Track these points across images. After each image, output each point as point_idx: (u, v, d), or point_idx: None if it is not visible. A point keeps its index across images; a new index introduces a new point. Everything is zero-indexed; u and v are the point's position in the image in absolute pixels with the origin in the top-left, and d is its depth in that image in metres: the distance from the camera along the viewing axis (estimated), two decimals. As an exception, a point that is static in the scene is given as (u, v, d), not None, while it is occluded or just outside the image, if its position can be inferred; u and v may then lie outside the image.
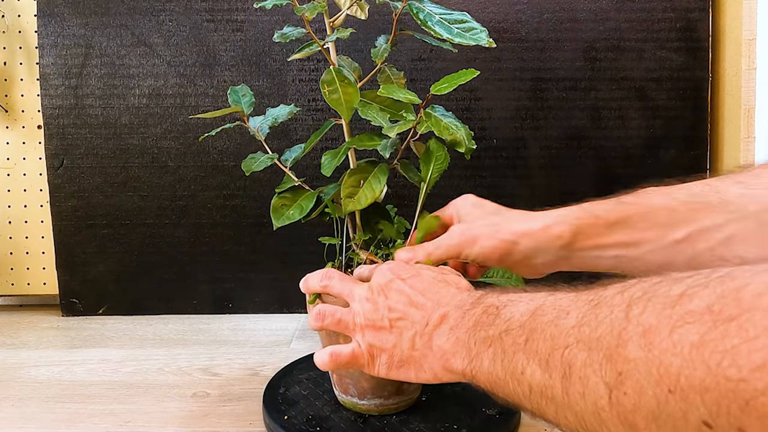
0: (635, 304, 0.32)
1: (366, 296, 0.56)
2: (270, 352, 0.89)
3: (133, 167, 1.02)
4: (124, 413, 0.72)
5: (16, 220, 1.06)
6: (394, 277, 0.55)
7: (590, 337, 0.34)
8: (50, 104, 1.01)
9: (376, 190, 0.64)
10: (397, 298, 0.54)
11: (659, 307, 0.31)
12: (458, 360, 0.47)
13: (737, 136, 0.96)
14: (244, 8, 0.99)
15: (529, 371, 0.39)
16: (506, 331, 0.42)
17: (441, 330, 0.50)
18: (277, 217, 0.68)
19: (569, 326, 0.36)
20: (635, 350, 0.31)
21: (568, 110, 1.00)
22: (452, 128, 0.63)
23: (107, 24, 1.00)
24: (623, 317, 0.32)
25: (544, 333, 0.38)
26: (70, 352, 0.90)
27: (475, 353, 0.45)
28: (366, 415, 0.66)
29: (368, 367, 0.55)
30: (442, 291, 0.53)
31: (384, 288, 0.55)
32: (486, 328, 0.45)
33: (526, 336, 0.40)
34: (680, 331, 0.29)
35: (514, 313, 0.43)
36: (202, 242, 1.03)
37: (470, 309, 0.48)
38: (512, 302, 0.44)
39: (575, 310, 0.37)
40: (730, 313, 0.28)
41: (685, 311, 0.29)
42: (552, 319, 0.38)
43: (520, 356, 0.40)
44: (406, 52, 0.99)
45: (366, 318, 0.55)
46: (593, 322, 0.34)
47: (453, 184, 1.01)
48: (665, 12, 0.98)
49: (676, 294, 0.31)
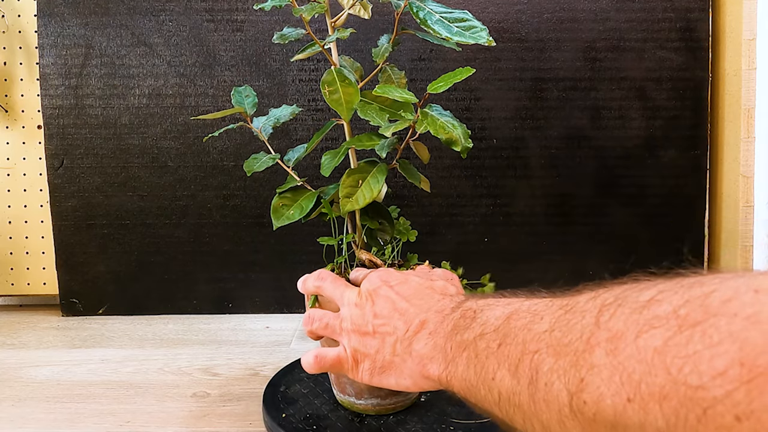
0: (606, 309, 0.32)
1: (355, 301, 0.56)
2: (270, 352, 0.89)
3: (133, 167, 1.02)
4: (124, 413, 0.72)
5: (16, 220, 1.06)
6: (382, 283, 0.55)
7: (560, 342, 0.33)
8: (50, 104, 1.01)
9: (374, 190, 0.64)
10: (383, 304, 0.54)
11: (627, 312, 0.30)
12: (435, 365, 0.47)
13: (737, 136, 0.96)
14: (244, 8, 0.99)
15: (499, 376, 0.38)
16: (481, 335, 0.41)
17: (420, 335, 0.49)
18: (277, 217, 0.68)
19: (541, 331, 0.35)
20: (600, 356, 0.30)
21: (568, 110, 1.00)
22: (448, 127, 0.63)
23: (107, 24, 1.00)
24: (593, 323, 0.32)
25: (516, 338, 0.37)
26: (70, 352, 0.90)
27: (451, 358, 0.44)
28: (363, 414, 0.66)
29: (352, 372, 0.55)
30: (426, 297, 0.53)
31: (372, 294, 0.55)
32: (462, 332, 0.44)
33: (500, 340, 0.39)
34: (645, 336, 0.28)
35: (489, 317, 0.42)
36: (202, 242, 1.03)
37: (450, 314, 0.48)
38: (489, 306, 0.43)
39: (548, 315, 0.36)
40: (695, 318, 0.27)
41: (652, 316, 0.29)
42: (525, 324, 0.37)
43: (492, 361, 0.39)
44: (406, 52, 0.99)
45: (352, 323, 0.55)
46: (564, 327, 0.34)
47: (453, 184, 1.01)
48: (665, 12, 0.98)
49: (645, 299, 0.30)
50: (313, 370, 0.58)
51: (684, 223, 1.01)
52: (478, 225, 1.02)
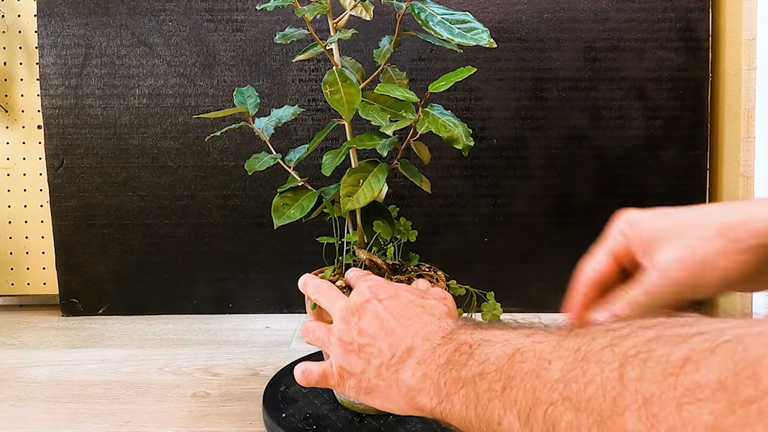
0: (629, 364, 0.30)
1: (342, 315, 0.54)
2: (270, 352, 0.89)
3: (133, 167, 1.02)
4: (124, 413, 0.72)
5: (16, 220, 1.06)
6: (372, 297, 0.53)
7: (578, 397, 0.31)
8: (50, 104, 1.01)
9: (375, 190, 0.64)
10: (369, 321, 0.52)
11: (660, 374, 0.28)
12: (425, 398, 0.45)
13: (737, 136, 0.96)
14: (244, 8, 0.99)
15: (507, 423, 0.36)
16: (481, 374, 0.39)
17: (407, 364, 0.47)
18: (278, 216, 0.68)
19: (553, 379, 0.34)
20: (634, 422, 0.28)
21: (568, 110, 1.00)
22: (449, 125, 0.63)
23: (107, 24, 1.00)
24: (616, 378, 0.30)
25: (524, 383, 0.35)
26: (70, 352, 0.90)
27: (446, 394, 0.43)
28: (363, 414, 0.66)
29: (339, 388, 0.54)
30: (414, 318, 0.51)
31: (359, 308, 0.53)
32: (458, 369, 0.42)
33: (503, 383, 0.37)
34: (690, 408, 0.26)
35: (489, 355, 0.40)
36: (202, 242, 1.03)
37: (441, 344, 0.46)
38: (486, 342, 0.41)
39: (558, 360, 0.34)
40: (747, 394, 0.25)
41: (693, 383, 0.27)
42: (533, 369, 0.35)
43: (496, 404, 0.37)
44: (406, 52, 0.99)
45: (339, 339, 0.53)
46: (581, 379, 0.32)
47: (453, 183, 1.01)
48: (665, 12, 0.98)
49: (678, 359, 0.28)
50: (302, 383, 0.57)
51: (684, 223, 1.01)
52: (478, 225, 1.02)
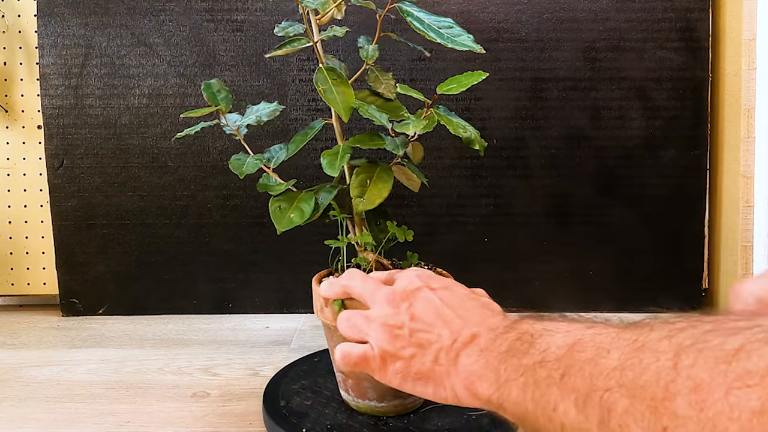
0: (684, 353, 0.30)
1: (387, 299, 0.53)
2: (270, 352, 0.89)
3: (133, 167, 1.02)
4: (124, 413, 0.72)
5: (16, 220, 1.06)
6: (423, 285, 0.52)
7: (634, 384, 0.32)
8: (50, 104, 1.01)
9: (384, 190, 0.63)
10: (423, 307, 0.51)
11: (712, 361, 0.29)
12: (485, 384, 0.44)
13: (737, 136, 0.96)
14: (244, 8, 0.99)
15: (562, 408, 0.37)
16: (541, 362, 0.40)
17: (470, 350, 0.47)
18: (279, 221, 0.65)
19: (610, 367, 0.34)
20: (684, 407, 0.29)
21: (568, 110, 1.00)
22: (464, 127, 0.64)
23: (107, 24, 1.00)
24: (671, 366, 0.30)
25: (583, 371, 0.36)
26: (70, 352, 0.90)
27: (504, 380, 0.43)
28: (364, 414, 0.66)
29: (380, 373, 0.52)
30: (473, 310, 0.50)
31: (410, 294, 0.52)
32: (519, 356, 0.42)
33: (563, 371, 0.38)
34: (738, 393, 0.27)
35: (550, 345, 0.40)
36: (202, 242, 1.03)
37: (503, 333, 0.46)
38: (548, 332, 0.42)
39: (616, 350, 0.35)
40: None
41: (743, 370, 0.28)
42: (591, 357, 0.36)
43: (554, 391, 0.38)
44: (406, 52, 0.99)
45: (383, 323, 0.51)
46: (637, 366, 0.33)
47: (453, 183, 1.01)
48: (665, 12, 0.98)
49: (732, 348, 0.29)
50: (342, 368, 0.54)
51: (684, 223, 1.01)
52: (478, 225, 1.02)
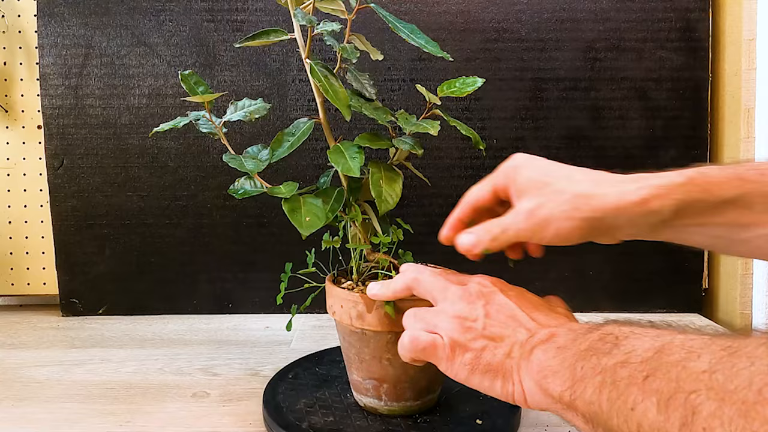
0: None
1: (461, 295, 0.52)
2: (270, 352, 0.89)
3: (133, 167, 1.02)
4: (124, 413, 0.72)
5: (16, 220, 1.06)
6: (497, 289, 0.52)
7: (724, 388, 0.31)
8: (50, 104, 1.01)
9: (397, 189, 0.63)
10: (498, 307, 0.50)
11: None
12: (558, 381, 0.43)
13: (737, 136, 0.96)
14: (244, 8, 0.99)
15: (641, 409, 0.35)
16: (623, 363, 0.39)
17: (547, 346, 0.45)
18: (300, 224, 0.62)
19: (699, 370, 0.33)
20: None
21: (568, 110, 1.00)
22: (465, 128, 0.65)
23: (107, 24, 1.00)
24: (765, 371, 0.30)
25: (669, 373, 0.35)
26: (70, 352, 0.90)
27: (579, 377, 0.41)
28: (365, 411, 0.66)
29: (446, 363, 0.50)
30: (549, 315, 0.50)
31: (485, 294, 0.52)
32: (600, 356, 0.41)
33: (647, 373, 0.37)
34: None
35: (636, 347, 0.39)
36: (202, 242, 1.03)
37: (585, 333, 0.44)
38: (636, 335, 0.41)
39: (708, 354, 0.34)
40: None
41: None
42: (679, 360, 0.35)
43: (633, 390, 0.37)
44: (406, 52, 0.99)
45: (455, 315, 0.51)
46: (728, 370, 0.31)
47: (453, 183, 1.01)
48: (665, 12, 0.98)
49: None
50: (408, 355, 0.53)
51: (684, 223, 1.01)
52: (478, 225, 1.02)
